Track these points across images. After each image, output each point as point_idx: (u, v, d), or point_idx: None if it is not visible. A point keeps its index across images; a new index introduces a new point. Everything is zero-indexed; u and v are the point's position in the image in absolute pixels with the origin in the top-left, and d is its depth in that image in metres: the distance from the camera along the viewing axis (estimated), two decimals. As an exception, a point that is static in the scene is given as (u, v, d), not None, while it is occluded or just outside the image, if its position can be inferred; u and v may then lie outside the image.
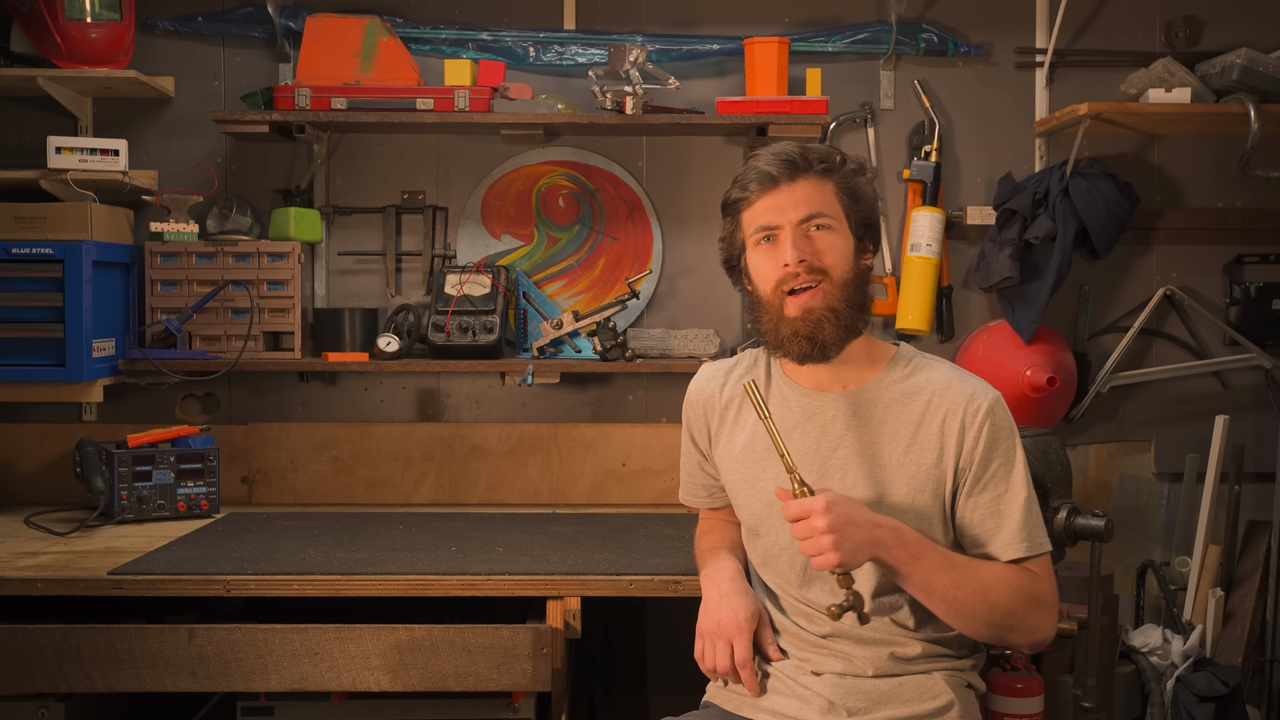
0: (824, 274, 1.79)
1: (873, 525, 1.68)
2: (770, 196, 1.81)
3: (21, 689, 2.10)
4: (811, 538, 1.65)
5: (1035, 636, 1.78)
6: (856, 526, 1.66)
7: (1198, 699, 2.60)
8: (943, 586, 1.72)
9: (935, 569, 1.71)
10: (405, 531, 2.57)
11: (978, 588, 1.73)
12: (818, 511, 1.65)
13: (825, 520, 1.64)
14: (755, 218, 1.82)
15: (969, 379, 1.85)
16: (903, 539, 1.70)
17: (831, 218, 1.81)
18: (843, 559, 1.64)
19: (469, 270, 2.97)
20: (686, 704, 2.01)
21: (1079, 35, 3.04)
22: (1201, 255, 3.08)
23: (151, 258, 2.86)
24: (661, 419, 3.05)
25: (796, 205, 1.80)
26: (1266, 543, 2.91)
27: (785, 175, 1.80)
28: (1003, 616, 1.74)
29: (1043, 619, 1.78)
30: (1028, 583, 1.77)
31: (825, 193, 1.82)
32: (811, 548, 1.66)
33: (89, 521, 2.61)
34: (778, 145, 1.84)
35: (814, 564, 1.67)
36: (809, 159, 1.81)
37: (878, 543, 1.68)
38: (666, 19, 3.05)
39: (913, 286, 2.92)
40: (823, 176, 1.82)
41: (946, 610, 1.74)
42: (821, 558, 1.65)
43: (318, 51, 2.86)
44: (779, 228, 1.80)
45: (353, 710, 2.33)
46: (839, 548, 1.64)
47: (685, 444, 2.05)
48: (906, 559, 1.70)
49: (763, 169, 1.81)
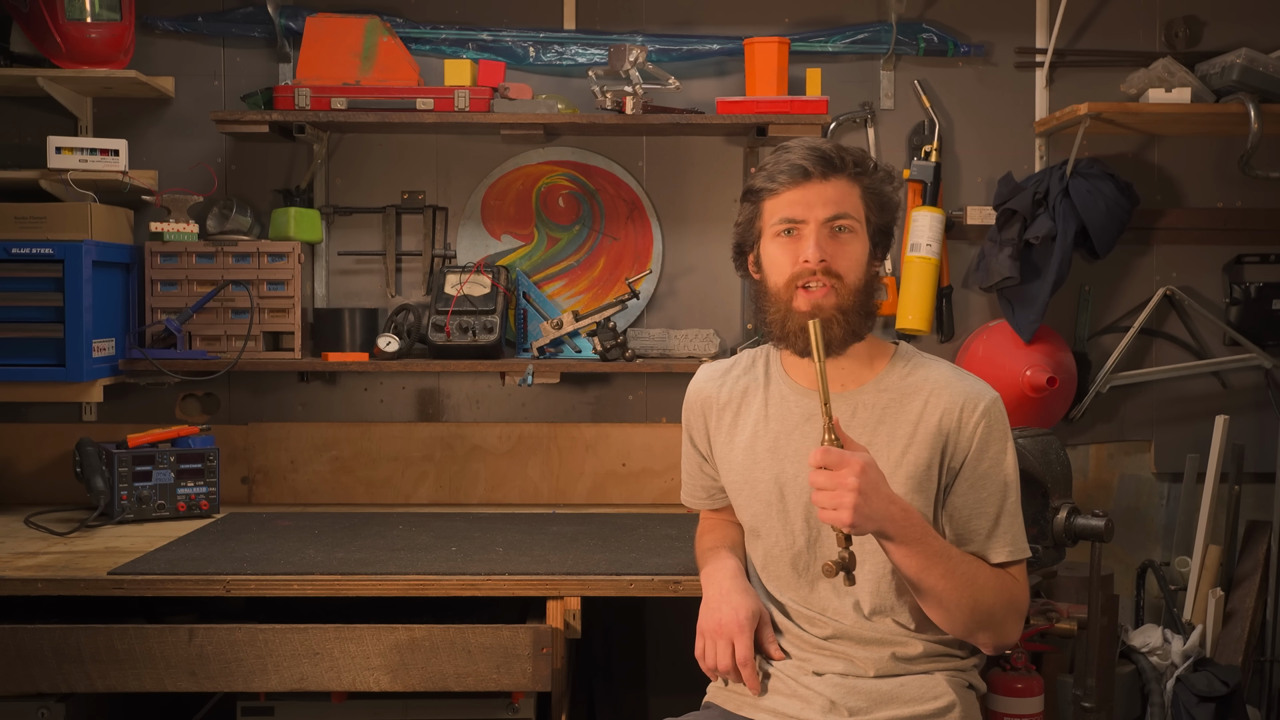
0: (839, 278, 1.78)
1: (890, 500, 1.66)
2: (800, 190, 1.79)
3: (21, 689, 2.10)
4: (835, 490, 1.61)
5: (1004, 640, 1.80)
6: (879, 496, 1.64)
7: (1198, 699, 2.60)
8: (935, 575, 1.71)
9: (934, 555, 1.70)
10: (405, 531, 2.57)
11: (968, 584, 1.73)
12: (853, 469, 1.61)
13: (857, 479, 1.60)
14: (779, 209, 1.81)
15: (968, 379, 1.85)
16: (911, 520, 1.69)
17: (855, 220, 1.80)
18: (855, 521, 1.61)
19: (469, 270, 2.97)
20: (686, 704, 2.01)
21: (1079, 35, 3.05)
22: (1201, 255, 3.08)
23: (151, 258, 2.86)
24: (661, 419, 3.05)
25: (825, 203, 1.78)
26: (1266, 543, 2.91)
27: (819, 172, 1.78)
28: (983, 616, 1.75)
29: (1015, 624, 1.81)
30: (1009, 587, 1.79)
31: (853, 195, 1.81)
32: (830, 500, 1.61)
33: (89, 521, 2.61)
34: (810, 140, 1.82)
35: (823, 515, 1.63)
36: (844, 159, 1.80)
37: (889, 517, 1.66)
38: (666, 19, 3.05)
39: (913, 286, 2.92)
40: (854, 179, 1.81)
41: (934, 599, 1.73)
42: (836, 513, 1.61)
43: (318, 51, 2.86)
44: (804, 222, 1.79)
45: (353, 710, 2.33)
46: (857, 509, 1.60)
47: (685, 445, 2.05)
48: (910, 539, 1.68)
49: (796, 162, 1.79)
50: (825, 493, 1.62)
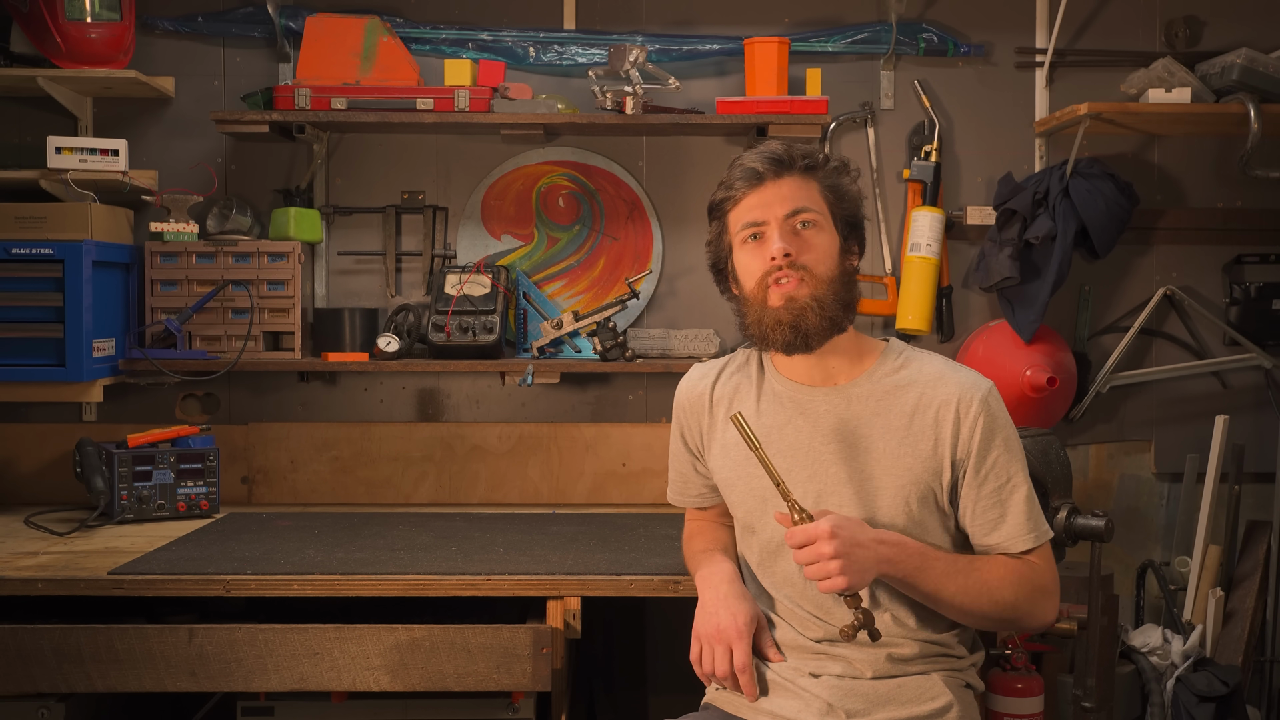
0: (806, 269, 1.80)
1: (877, 543, 1.70)
2: (756, 194, 1.82)
3: (21, 689, 2.10)
4: (819, 563, 1.65)
5: (1040, 621, 1.83)
6: (862, 547, 1.67)
7: (1198, 699, 2.60)
8: (950, 592, 1.74)
9: (941, 576, 1.74)
10: (405, 531, 2.57)
11: (982, 588, 1.76)
12: (823, 537, 1.65)
13: (831, 546, 1.64)
14: (742, 215, 1.84)
15: (961, 370, 1.85)
16: (906, 551, 1.72)
17: (817, 214, 1.83)
18: (851, 581, 1.65)
19: (469, 270, 2.97)
20: (686, 704, 2.01)
21: (1079, 35, 3.04)
22: (1201, 255, 3.08)
23: (151, 258, 2.86)
24: (661, 419, 3.05)
25: (782, 201, 1.81)
26: (1266, 543, 2.91)
27: (770, 172, 1.82)
28: (1008, 610, 1.78)
29: (1047, 605, 1.82)
30: (1029, 573, 1.80)
31: (810, 190, 1.84)
32: (819, 573, 1.66)
33: (89, 521, 2.61)
34: (761, 145, 1.86)
35: (821, 588, 1.67)
36: (793, 156, 1.83)
37: (883, 559, 1.70)
38: (666, 19, 3.05)
39: (913, 286, 2.92)
40: (806, 174, 1.84)
41: (953, 612, 1.78)
42: (830, 582, 1.65)
43: (318, 51, 2.86)
44: (765, 223, 1.82)
45: (353, 710, 2.33)
46: (846, 571, 1.65)
47: (675, 444, 2.05)
48: (912, 570, 1.72)
49: (748, 166, 1.83)
50: (812, 568, 1.66)
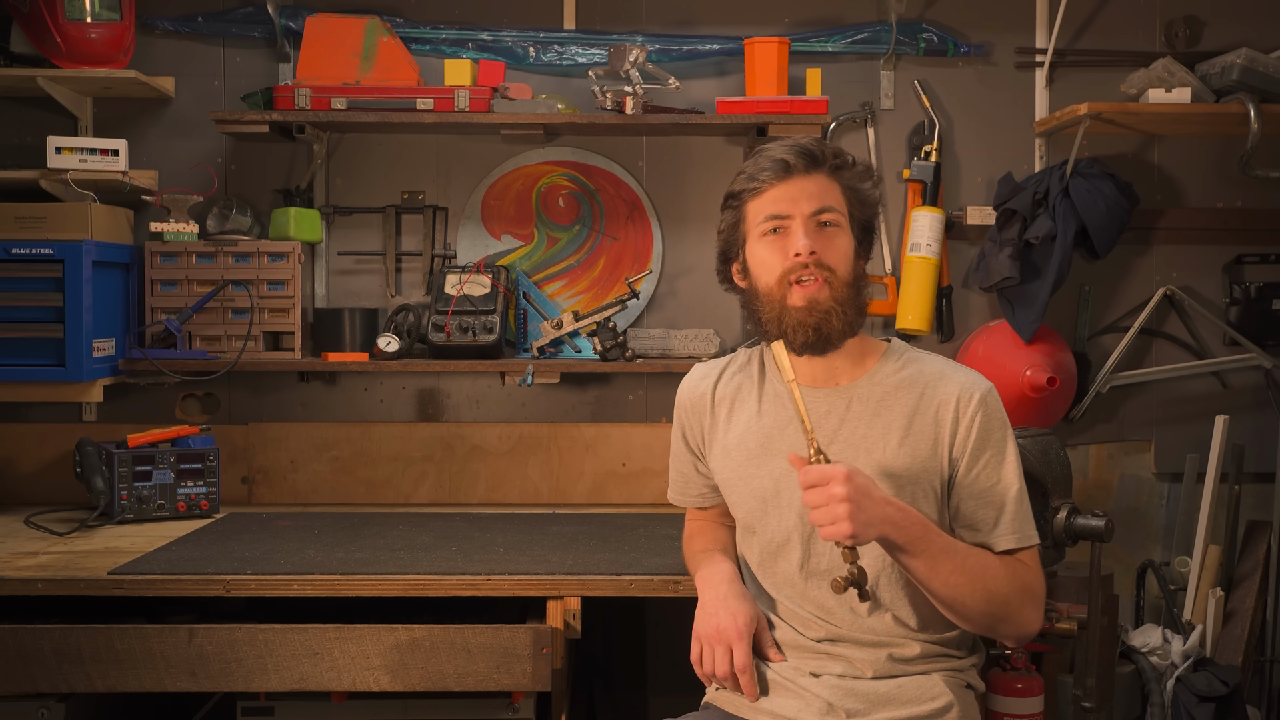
0: (831, 270, 1.78)
1: (885, 502, 1.67)
2: (783, 186, 1.79)
3: (21, 689, 2.10)
4: (827, 505, 1.61)
5: (1025, 629, 1.79)
6: (872, 500, 1.64)
7: (1198, 699, 2.60)
8: (945, 570, 1.71)
9: (939, 552, 1.70)
10: (405, 531, 2.57)
11: (978, 575, 1.73)
12: (837, 480, 1.61)
13: (844, 489, 1.61)
14: (764, 207, 1.81)
15: (961, 370, 1.85)
16: (911, 519, 1.69)
17: (840, 215, 1.81)
18: (855, 530, 1.61)
19: (469, 270, 2.97)
20: (686, 704, 2.01)
21: (1079, 35, 3.04)
22: (1201, 255, 3.08)
23: (151, 258, 2.86)
24: (661, 419, 3.05)
25: (810, 197, 1.79)
26: (1266, 543, 2.91)
27: (801, 166, 1.79)
28: (999, 606, 1.75)
29: (1033, 611, 1.79)
30: (1021, 574, 1.78)
31: (834, 190, 1.82)
32: (825, 516, 1.62)
33: (89, 521, 2.61)
34: (788, 139, 1.83)
35: (824, 533, 1.63)
36: (825, 153, 1.81)
37: (889, 520, 1.66)
38: (666, 19, 3.05)
39: (913, 286, 2.92)
40: (833, 174, 1.82)
41: (945, 595, 1.72)
42: (834, 527, 1.61)
43: (318, 51, 2.86)
44: (790, 218, 1.79)
45: (353, 710, 2.33)
46: (853, 518, 1.61)
47: (677, 444, 2.04)
48: (913, 539, 1.68)
49: (778, 157, 1.79)
50: (819, 510, 1.63)
